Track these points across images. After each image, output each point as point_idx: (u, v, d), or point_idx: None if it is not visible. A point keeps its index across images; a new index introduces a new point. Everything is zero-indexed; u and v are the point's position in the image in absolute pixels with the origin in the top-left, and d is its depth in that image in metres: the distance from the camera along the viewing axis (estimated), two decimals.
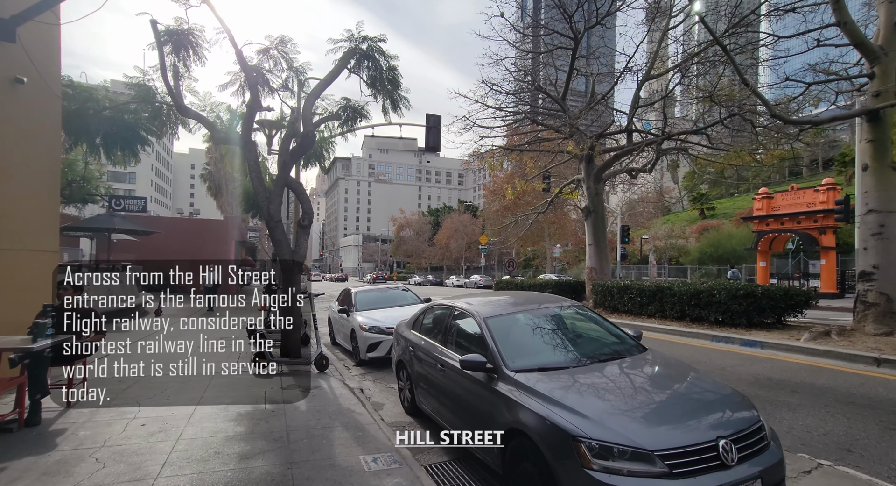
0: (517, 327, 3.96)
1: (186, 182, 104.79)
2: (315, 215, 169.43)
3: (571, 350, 3.68)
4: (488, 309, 4.25)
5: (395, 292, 9.98)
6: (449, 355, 4.23)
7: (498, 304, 4.67)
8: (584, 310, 4.44)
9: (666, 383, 3.30)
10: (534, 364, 3.45)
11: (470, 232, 55.14)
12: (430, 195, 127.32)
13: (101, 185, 18.77)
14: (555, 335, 3.88)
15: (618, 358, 3.64)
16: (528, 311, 4.21)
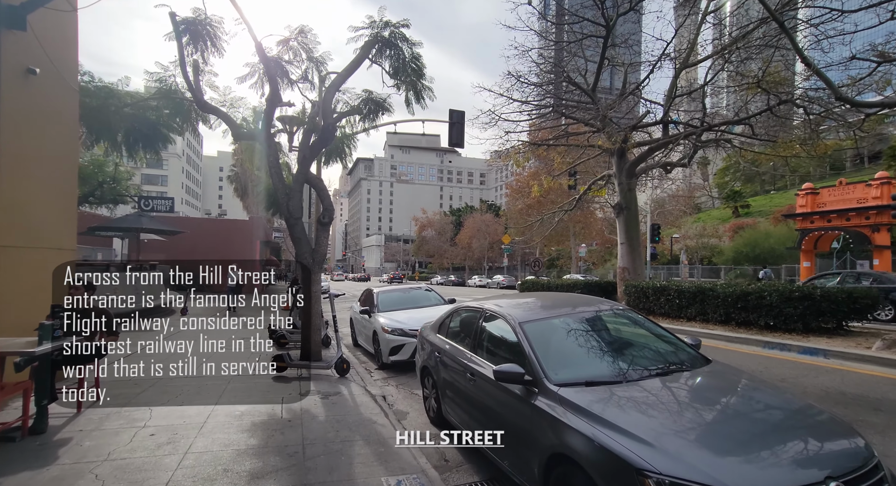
0: (557, 334, 3.51)
1: (215, 184, 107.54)
2: (338, 216, 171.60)
3: (622, 361, 3.20)
4: (522, 312, 3.81)
5: (419, 292, 9.61)
6: (479, 363, 3.81)
7: (532, 306, 4.22)
8: (629, 313, 3.94)
9: (745, 403, 2.78)
10: (580, 377, 2.99)
11: (492, 232, 54.48)
12: (452, 195, 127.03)
13: (131, 186, 19.12)
14: (601, 343, 3.41)
15: (678, 371, 3.14)
16: (567, 315, 3.74)
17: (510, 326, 3.61)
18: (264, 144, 7.24)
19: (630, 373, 3.02)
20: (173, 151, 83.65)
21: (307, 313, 7.14)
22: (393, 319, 7.95)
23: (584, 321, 3.69)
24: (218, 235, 28.52)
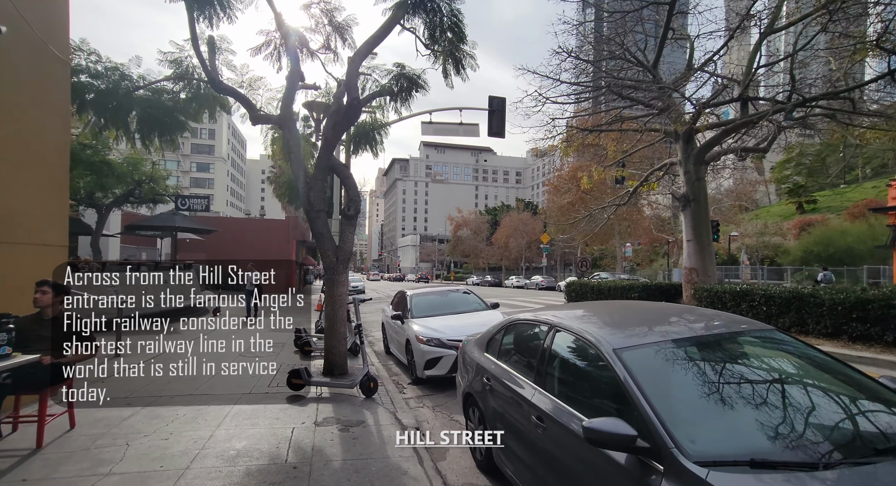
0: (679, 369, 2.32)
1: (258, 186, 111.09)
2: (374, 216, 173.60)
3: (803, 421, 1.97)
4: (613, 332, 2.64)
5: (457, 295, 8.52)
6: (551, 404, 2.67)
7: (620, 322, 3.03)
8: (775, 333, 2.67)
9: None
10: (737, 451, 1.80)
11: (530, 230, 52.67)
12: (488, 194, 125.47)
13: (168, 185, 19.14)
14: (757, 386, 2.19)
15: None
16: (686, 338, 2.53)
17: (600, 352, 2.45)
18: (283, 127, 6.38)
19: (829, 450, 1.80)
20: (219, 155, 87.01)
21: (330, 320, 6.21)
22: (429, 326, 6.90)
23: (715, 348, 2.47)
24: (254, 235, 28.63)
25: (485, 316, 7.47)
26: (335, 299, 6.17)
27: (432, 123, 13.04)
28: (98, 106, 6.36)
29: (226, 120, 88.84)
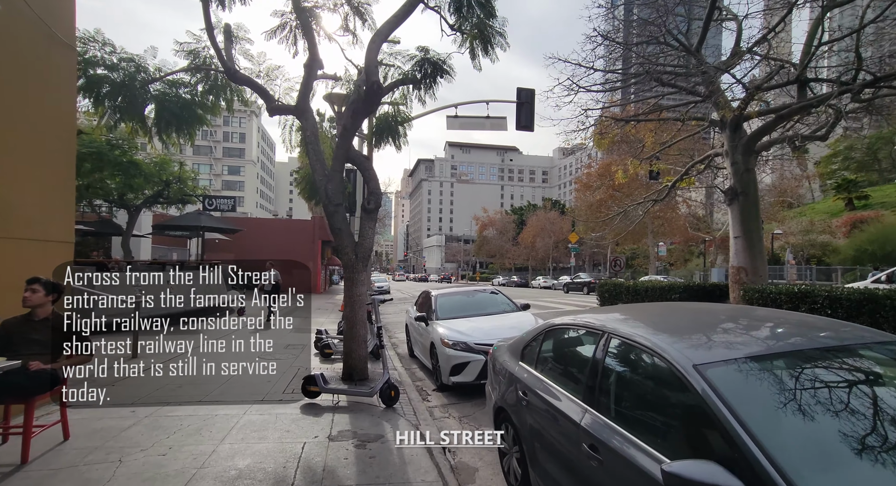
0: (788, 393, 1.75)
1: (286, 188, 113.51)
2: (400, 217, 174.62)
3: None
4: (687, 343, 2.08)
5: (484, 295, 8.00)
6: (606, 430, 2.14)
7: (689, 328, 2.46)
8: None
9: None
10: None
11: (557, 230, 51.52)
12: (514, 194, 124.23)
13: (196, 186, 19.36)
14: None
15: None
16: (791, 352, 1.95)
17: (673, 368, 1.90)
18: (300, 117, 6.03)
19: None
20: (249, 158, 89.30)
21: (350, 322, 5.81)
22: (455, 329, 6.42)
23: (835, 365, 1.88)
24: (280, 236, 28.87)
25: (515, 318, 6.92)
26: (354, 300, 5.76)
27: (458, 117, 12.57)
28: (113, 99, 6.17)
29: (255, 123, 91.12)
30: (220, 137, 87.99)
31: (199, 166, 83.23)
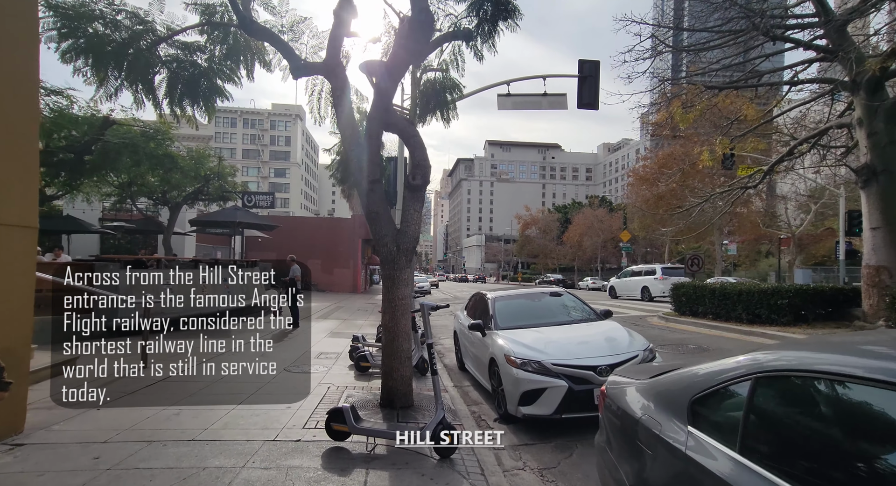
0: None
1: (329, 189, 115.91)
2: (439, 217, 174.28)
3: None
4: None
5: (553, 299, 6.47)
6: None
7: None
8: None
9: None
10: None
11: (606, 228, 48.59)
12: (556, 192, 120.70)
13: (235, 182, 18.97)
14: None
15: None
16: None
17: None
18: (329, 75, 4.81)
19: None
20: (293, 161, 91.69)
21: (390, 333, 4.51)
22: (523, 342, 4.97)
23: None
24: (321, 234, 28.43)
25: (600, 330, 5.38)
26: (396, 305, 4.45)
27: (510, 96, 11.08)
28: (118, 62, 5.20)
29: (299, 126, 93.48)
30: (266, 141, 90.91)
31: (248, 170, 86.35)
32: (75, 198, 16.02)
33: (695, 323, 10.72)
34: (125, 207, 17.38)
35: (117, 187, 15.44)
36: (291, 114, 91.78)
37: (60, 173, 11.97)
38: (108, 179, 14.90)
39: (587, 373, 4.42)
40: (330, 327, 11.14)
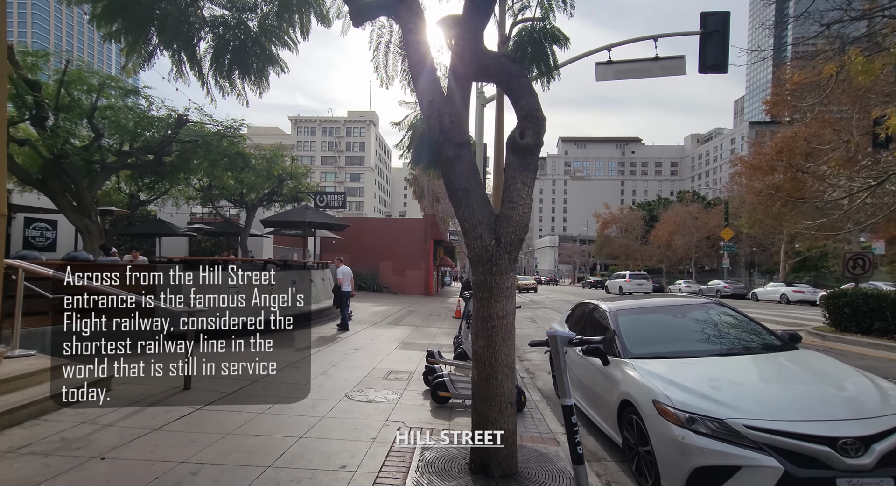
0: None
1: (401, 192, 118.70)
2: None
3: None
4: None
5: (702, 314, 4.60)
6: None
7: None
8: None
9: None
10: None
11: (700, 226, 43.38)
12: (636, 189, 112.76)
13: (309, 183, 18.83)
14: None
15: None
16: None
17: None
18: (402, 8, 3.52)
19: None
20: (367, 166, 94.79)
21: (485, 368, 3.06)
22: (683, 384, 3.27)
23: None
24: (392, 235, 27.95)
25: (811, 367, 3.50)
26: (494, 325, 3.00)
27: (611, 64, 9.17)
28: (153, 21, 4.35)
29: (373, 132, 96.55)
30: (343, 148, 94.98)
31: (326, 175, 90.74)
32: (165, 202, 16.72)
33: (873, 344, 8.05)
34: (210, 209, 17.92)
35: (199, 190, 15.79)
36: (365, 120, 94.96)
37: (143, 176, 12.21)
38: (190, 183, 15.26)
39: (819, 448, 2.63)
40: (401, 336, 10.02)
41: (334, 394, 5.12)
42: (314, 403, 4.71)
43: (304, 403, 4.69)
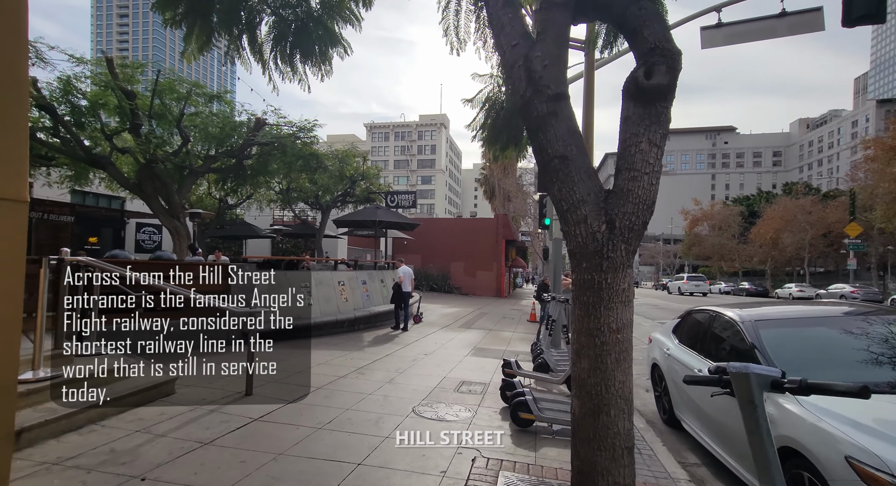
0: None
1: (471, 193, 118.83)
2: None
3: None
4: None
5: (884, 327, 3.35)
6: None
7: None
8: None
9: None
10: None
11: (815, 221, 37.66)
12: (729, 183, 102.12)
13: (381, 183, 18.89)
14: None
15: None
16: None
17: None
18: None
19: None
20: (438, 168, 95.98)
21: (591, 400, 2.23)
22: (891, 433, 2.19)
23: None
24: (463, 235, 27.41)
25: None
26: (605, 341, 2.18)
27: (722, 26, 7.71)
28: (207, 5, 4.10)
29: (444, 135, 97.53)
30: (414, 151, 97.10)
31: (399, 179, 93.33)
32: (251, 206, 17.67)
33: None
34: (289, 212, 18.66)
35: (278, 193, 16.42)
36: (436, 123, 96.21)
37: (227, 180, 12.82)
38: (270, 187, 15.90)
39: None
40: (473, 341, 9.33)
41: (400, 408, 4.55)
42: (378, 418, 4.17)
43: (367, 417, 4.17)
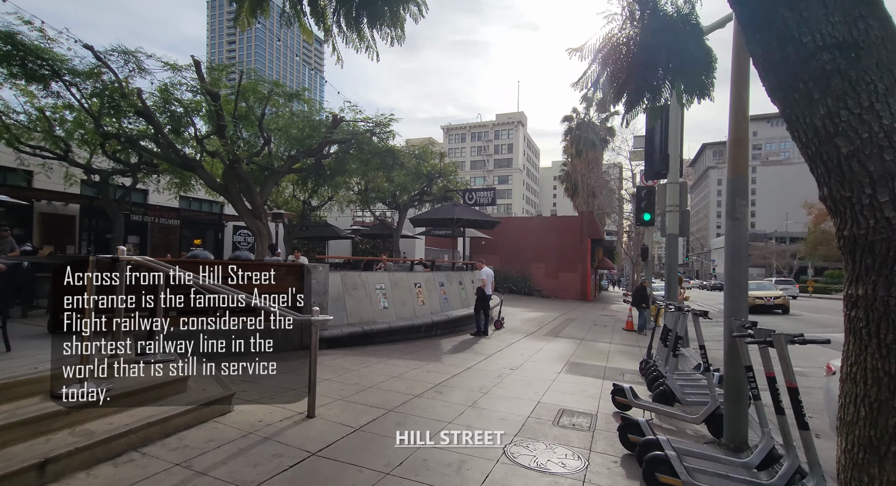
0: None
1: (550, 191, 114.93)
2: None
3: None
4: None
5: None
6: None
7: None
8: None
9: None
10: None
11: None
12: None
13: (458, 181, 18.18)
14: None
15: None
16: None
17: None
18: None
19: None
20: (515, 167, 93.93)
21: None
22: None
23: None
24: (544, 235, 25.77)
25: None
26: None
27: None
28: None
29: (521, 133, 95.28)
30: (491, 151, 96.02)
31: (475, 179, 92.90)
32: (332, 207, 17.96)
33: None
34: (368, 212, 18.70)
35: (357, 194, 16.41)
36: (513, 121, 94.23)
37: (307, 181, 12.89)
38: (349, 187, 15.91)
39: None
40: (565, 353, 8.10)
41: (488, 446, 3.60)
42: (460, 462, 3.26)
43: (446, 459, 3.29)
